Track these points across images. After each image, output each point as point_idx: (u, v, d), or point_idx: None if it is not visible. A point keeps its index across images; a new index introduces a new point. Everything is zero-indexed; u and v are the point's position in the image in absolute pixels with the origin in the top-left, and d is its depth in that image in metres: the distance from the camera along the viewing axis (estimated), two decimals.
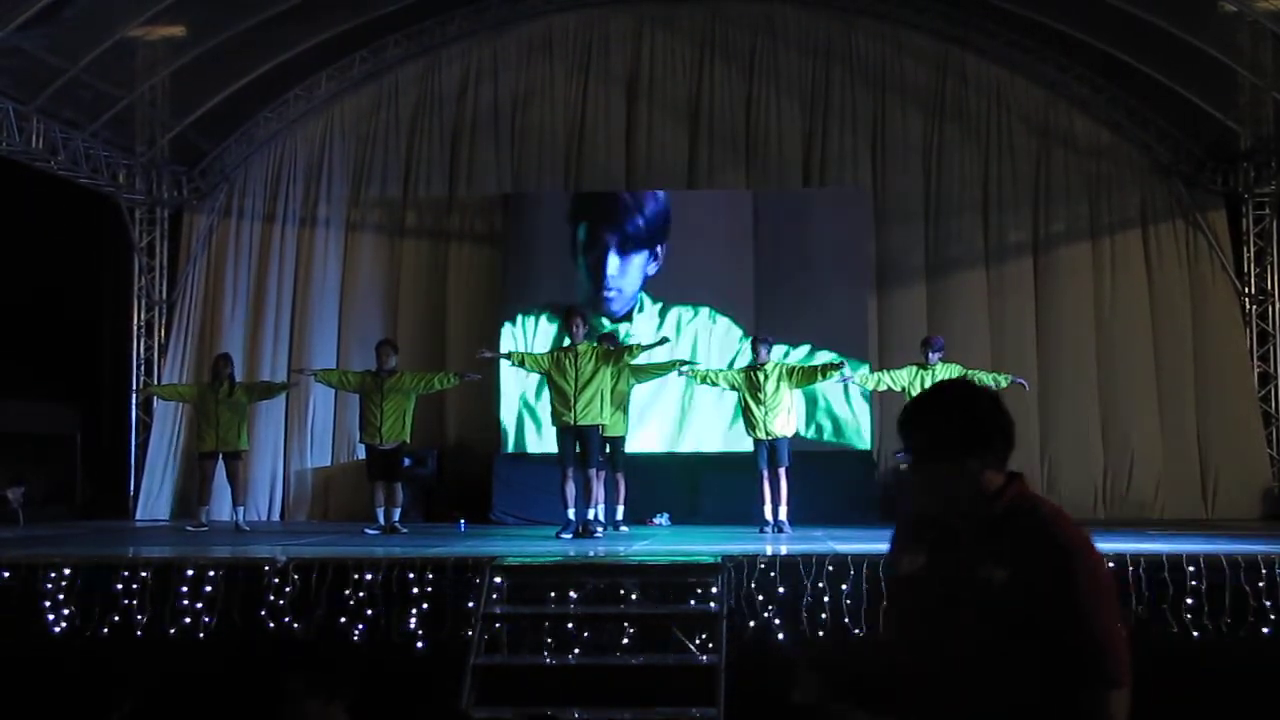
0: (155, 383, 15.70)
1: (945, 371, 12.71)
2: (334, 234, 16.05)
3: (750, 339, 13.04)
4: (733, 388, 12.69)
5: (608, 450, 12.47)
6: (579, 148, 15.98)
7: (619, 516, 12.88)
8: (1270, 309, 15.35)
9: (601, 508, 12.34)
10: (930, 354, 12.71)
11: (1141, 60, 14.55)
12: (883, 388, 13.06)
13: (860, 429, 14.79)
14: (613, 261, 14.87)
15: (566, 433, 11.87)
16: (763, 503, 12.40)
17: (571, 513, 11.91)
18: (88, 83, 13.81)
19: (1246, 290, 15.31)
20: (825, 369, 12.73)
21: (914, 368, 12.78)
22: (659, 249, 14.87)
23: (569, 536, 11.71)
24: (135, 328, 16.01)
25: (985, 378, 12.81)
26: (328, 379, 13.74)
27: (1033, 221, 15.65)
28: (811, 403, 14.55)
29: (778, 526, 12.26)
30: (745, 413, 12.55)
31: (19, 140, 13.26)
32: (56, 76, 13.29)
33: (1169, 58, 14.14)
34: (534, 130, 16.03)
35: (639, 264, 14.89)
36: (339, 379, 13.62)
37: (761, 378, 12.45)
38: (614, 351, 12.03)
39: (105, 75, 13.90)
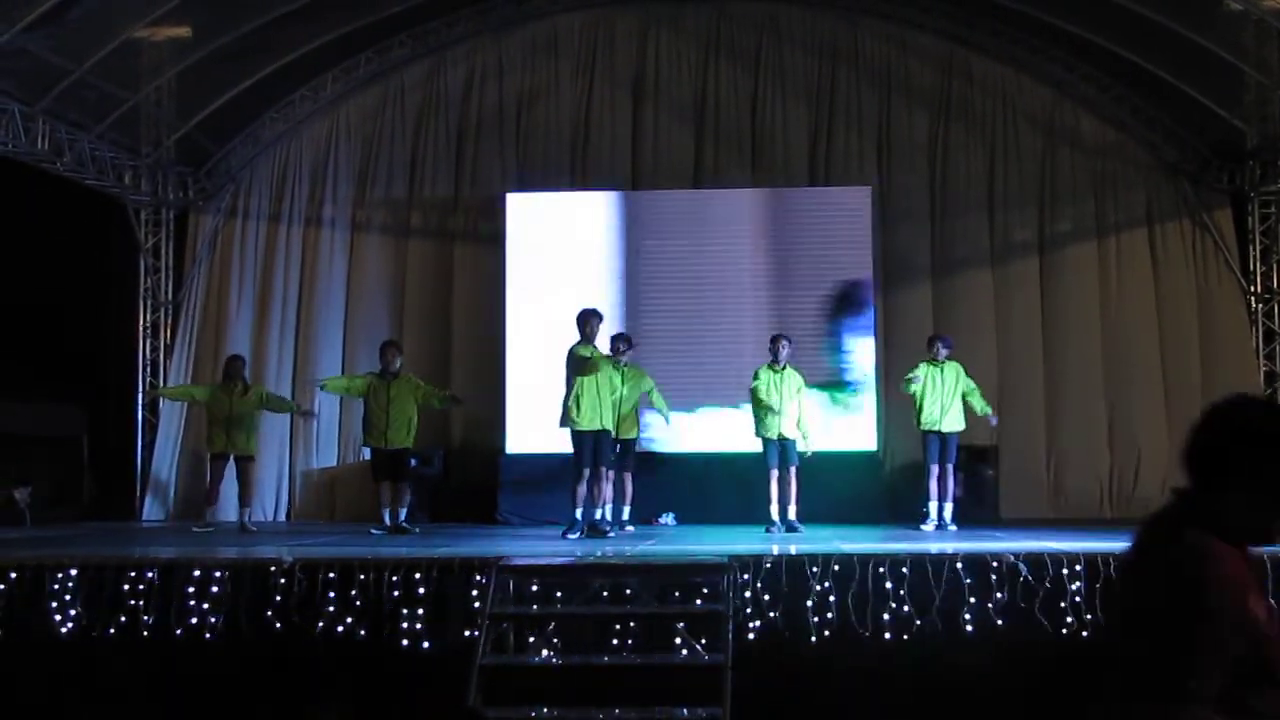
0: (161, 384, 15.74)
1: (952, 369, 12.77)
2: (339, 234, 16.06)
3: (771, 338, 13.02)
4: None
5: (618, 450, 12.49)
6: (584, 148, 15.97)
7: (625, 516, 12.89)
8: (1276, 308, 15.32)
9: (609, 507, 12.33)
10: (940, 349, 12.78)
11: (1147, 59, 14.53)
12: (913, 390, 12.96)
13: (867, 429, 14.78)
14: None
15: (587, 436, 11.88)
16: (769, 502, 12.42)
17: (579, 513, 11.91)
18: (93, 84, 13.81)
19: (1253, 289, 15.28)
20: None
21: (925, 365, 12.83)
22: None
23: (575, 536, 11.71)
24: (141, 329, 16.03)
25: (975, 399, 12.85)
26: (336, 387, 13.70)
27: (1038, 220, 15.64)
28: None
29: (789, 526, 12.30)
30: (759, 412, 12.58)
31: (25, 142, 13.28)
32: (62, 78, 13.30)
33: (1175, 56, 14.11)
34: (539, 130, 16.03)
35: None
36: (346, 385, 13.58)
37: (779, 379, 12.49)
38: (633, 374, 12.16)
39: (111, 76, 13.91)
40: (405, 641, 8.50)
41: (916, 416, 12.90)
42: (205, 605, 8.63)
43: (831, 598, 8.48)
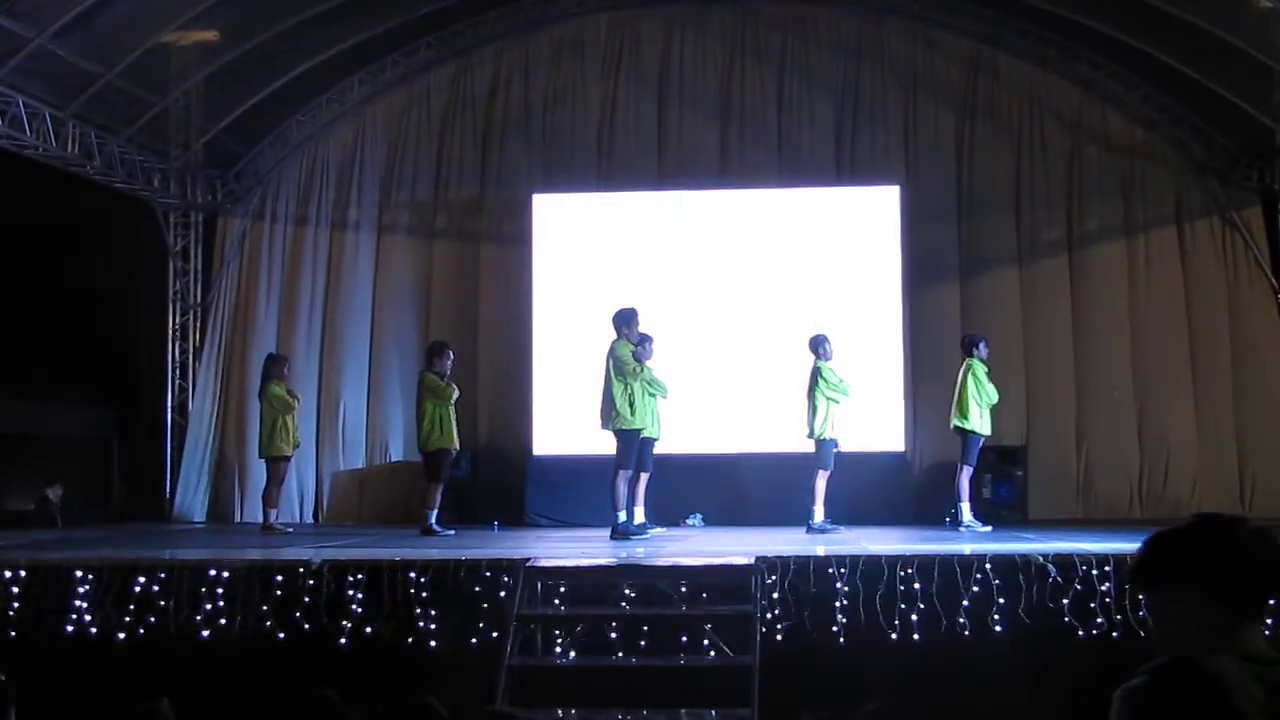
0: (191, 387, 15.85)
1: (975, 368, 12.73)
2: (366, 236, 16.11)
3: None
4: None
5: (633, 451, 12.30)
6: (610, 147, 15.98)
7: (642, 518, 12.70)
8: None
9: (641, 509, 12.26)
10: (974, 349, 12.77)
11: (1176, 57, 14.44)
12: (988, 402, 12.87)
13: (895, 430, 14.74)
14: None
15: (637, 437, 11.88)
16: (819, 503, 12.36)
17: (637, 512, 11.94)
18: (122, 88, 13.91)
19: None
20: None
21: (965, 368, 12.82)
22: None
23: (641, 536, 11.67)
24: (170, 331, 16.10)
25: (981, 387, 12.72)
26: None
27: (1066, 219, 15.56)
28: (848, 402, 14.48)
29: (808, 526, 12.24)
30: (832, 410, 12.52)
31: (55, 145, 13.38)
32: (92, 82, 13.40)
33: (1203, 54, 14.03)
34: (564, 130, 16.05)
35: None
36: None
37: (817, 377, 12.45)
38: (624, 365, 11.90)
39: (140, 80, 14.00)
40: (433, 643, 8.52)
41: (981, 418, 12.77)
42: (233, 606, 8.66)
43: (859, 599, 8.45)
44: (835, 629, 8.41)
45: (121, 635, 8.67)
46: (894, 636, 8.36)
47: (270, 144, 16.23)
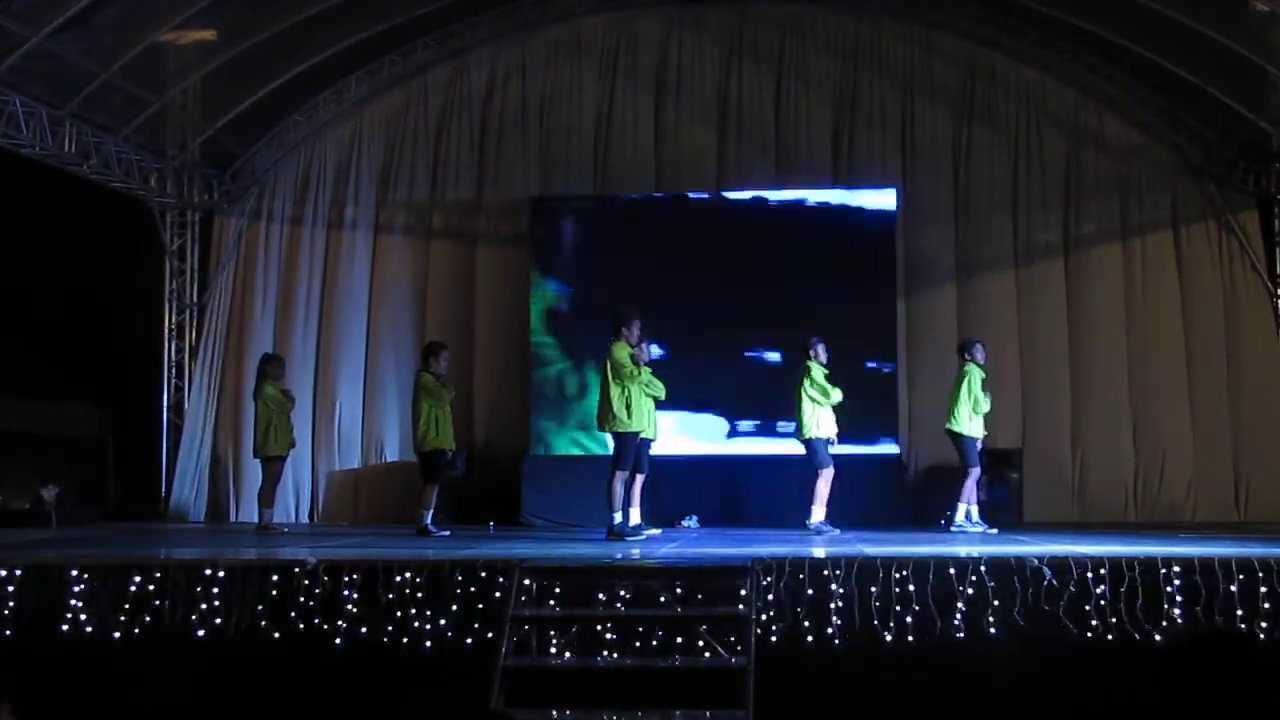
0: (187, 386, 15.85)
1: (970, 374, 12.67)
2: (362, 236, 16.11)
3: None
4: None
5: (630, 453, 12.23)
6: (606, 149, 15.98)
7: (637, 519, 12.66)
8: None
9: (636, 510, 12.22)
10: (970, 354, 12.72)
11: (1173, 60, 14.47)
12: (980, 409, 12.81)
13: (891, 432, 14.75)
14: None
15: (635, 439, 11.85)
16: (819, 504, 12.34)
17: (632, 513, 11.91)
18: (120, 87, 13.91)
19: (1279, 291, 15.19)
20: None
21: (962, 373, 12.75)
22: None
23: (640, 538, 11.65)
24: (166, 331, 16.09)
25: (973, 394, 12.64)
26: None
27: (1063, 222, 15.58)
28: (841, 405, 14.46)
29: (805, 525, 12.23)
30: (824, 410, 12.48)
31: (52, 144, 13.38)
32: (89, 81, 13.39)
33: (1201, 58, 14.05)
34: (561, 132, 16.05)
35: None
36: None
37: (804, 377, 12.44)
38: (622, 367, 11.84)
39: (137, 79, 14.00)
40: (428, 643, 8.52)
41: (970, 420, 12.70)
42: (229, 606, 8.65)
43: (854, 601, 8.45)
44: (830, 630, 8.41)
45: (117, 635, 8.65)
46: (889, 639, 8.36)
47: (267, 143, 16.23)
